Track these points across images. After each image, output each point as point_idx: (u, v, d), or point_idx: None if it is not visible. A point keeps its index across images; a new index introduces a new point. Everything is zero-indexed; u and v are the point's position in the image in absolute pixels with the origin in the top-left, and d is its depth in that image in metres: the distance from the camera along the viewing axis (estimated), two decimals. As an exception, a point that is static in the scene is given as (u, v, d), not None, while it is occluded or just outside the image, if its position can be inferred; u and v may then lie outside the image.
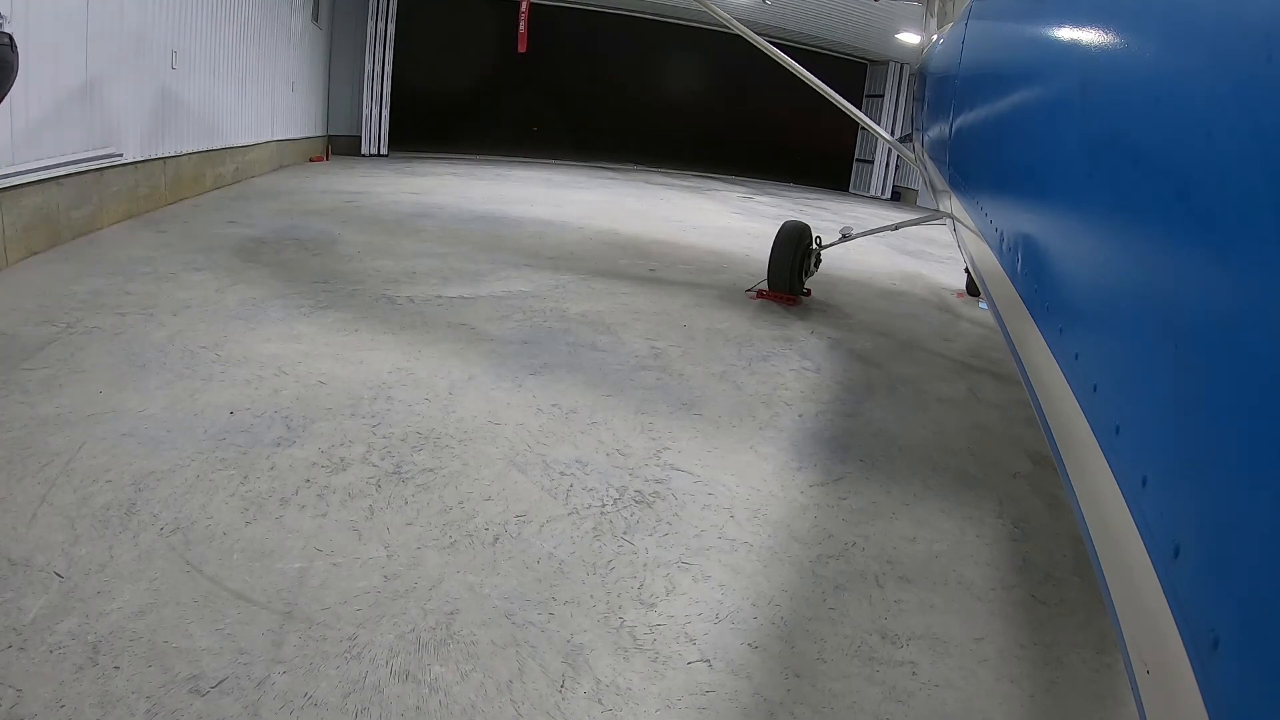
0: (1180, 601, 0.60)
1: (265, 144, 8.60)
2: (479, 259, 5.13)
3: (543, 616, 1.66)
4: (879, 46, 13.99)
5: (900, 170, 15.26)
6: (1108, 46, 0.98)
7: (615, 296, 4.53)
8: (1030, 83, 1.53)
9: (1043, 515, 2.44)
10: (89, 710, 1.26)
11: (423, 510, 2.01)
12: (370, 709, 1.35)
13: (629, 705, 1.44)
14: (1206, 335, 0.62)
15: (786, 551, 2.04)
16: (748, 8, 11.36)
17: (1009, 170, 1.72)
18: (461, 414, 2.63)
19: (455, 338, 3.45)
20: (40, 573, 1.58)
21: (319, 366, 2.89)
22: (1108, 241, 0.93)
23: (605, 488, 2.25)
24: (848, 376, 3.61)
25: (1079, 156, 1.07)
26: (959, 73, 2.76)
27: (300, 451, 2.24)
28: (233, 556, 1.72)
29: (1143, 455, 0.73)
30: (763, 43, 4.89)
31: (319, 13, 10.64)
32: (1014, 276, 1.45)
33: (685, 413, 2.89)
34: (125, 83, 5.02)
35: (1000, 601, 1.94)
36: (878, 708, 1.52)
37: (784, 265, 4.85)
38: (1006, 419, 3.30)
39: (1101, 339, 0.92)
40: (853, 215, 10.77)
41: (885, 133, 6.29)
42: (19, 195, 3.80)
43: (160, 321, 3.17)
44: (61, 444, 2.10)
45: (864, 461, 2.67)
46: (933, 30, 5.42)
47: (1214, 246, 0.63)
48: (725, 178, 15.08)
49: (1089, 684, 1.68)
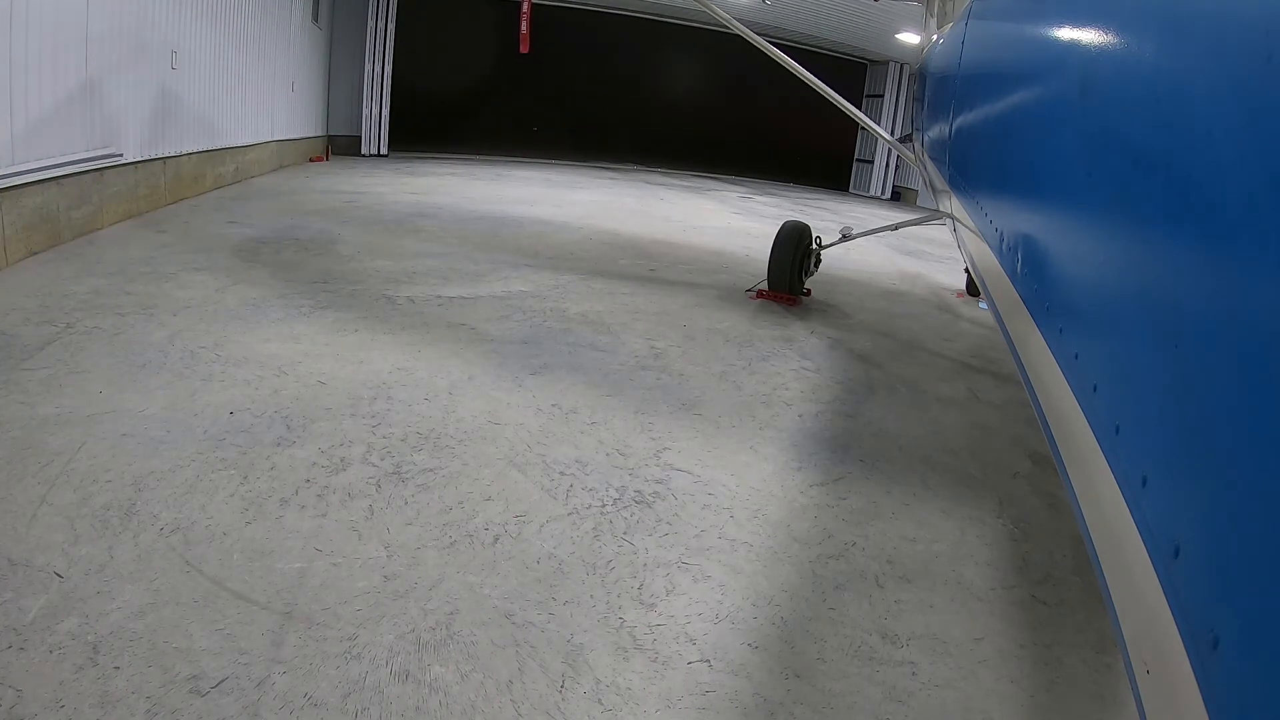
0: (1180, 601, 0.60)
1: (265, 144, 8.60)
2: (479, 259, 5.13)
3: (543, 616, 1.66)
4: (879, 46, 13.99)
5: (900, 170, 15.26)
6: (1108, 46, 0.98)
7: (615, 296, 4.53)
8: (1030, 83, 1.53)
9: (1043, 515, 2.44)
10: (89, 710, 1.26)
11: (423, 510, 2.01)
12: (370, 709, 1.35)
13: (629, 705, 1.44)
14: (1206, 335, 0.62)
15: (786, 551, 2.04)
16: (748, 8, 11.36)
17: (1009, 170, 1.72)
18: (461, 414, 2.63)
19: (455, 338, 3.45)
20: (40, 573, 1.58)
21: (319, 366, 2.89)
22: (1107, 241, 0.93)
23: (605, 488, 2.24)
24: (848, 376, 3.61)
25: (1079, 156, 1.07)
26: (959, 73, 2.76)
27: (300, 451, 2.24)
28: (232, 557, 1.72)
29: (1143, 455, 0.73)
30: (763, 43, 4.89)
31: (319, 13, 10.64)
32: (1014, 276, 1.45)
33: (685, 413, 2.89)
34: (125, 83, 5.02)
35: (1000, 601, 1.94)
36: (878, 708, 1.52)
37: (784, 265, 4.85)
38: (1006, 419, 3.30)
39: (1101, 339, 0.92)
40: (853, 215, 10.77)
41: (885, 133, 6.29)
42: (19, 195, 3.80)
43: (160, 321, 3.17)
44: (61, 444, 2.10)
45: (864, 461, 2.67)
46: (933, 30, 5.42)
47: (1214, 246, 0.63)
48: (725, 178, 15.08)
49: (1089, 684, 1.68)
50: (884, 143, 9.00)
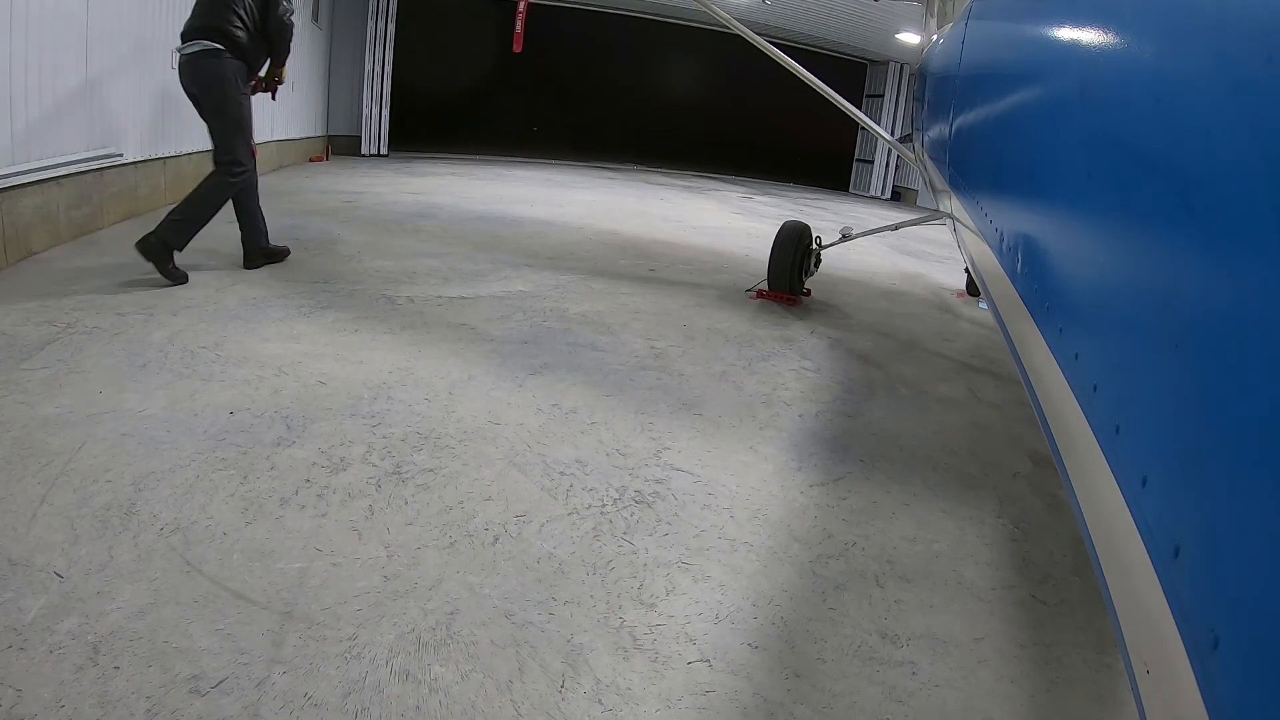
0: (1180, 601, 0.60)
1: (265, 144, 8.58)
2: (479, 259, 5.14)
3: (543, 616, 1.66)
4: (879, 46, 13.99)
5: (900, 170, 15.26)
6: (1108, 46, 0.98)
7: (615, 296, 4.53)
8: (1030, 83, 1.53)
9: (1043, 515, 2.44)
10: (89, 710, 1.26)
11: (423, 510, 2.01)
12: (370, 709, 1.35)
13: (629, 705, 1.44)
14: (1206, 335, 0.62)
15: (786, 551, 2.04)
16: (748, 8, 11.36)
17: (1009, 170, 1.72)
18: (461, 414, 2.63)
19: (455, 338, 3.45)
20: (40, 573, 1.58)
21: (319, 366, 2.89)
22: (1108, 241, 0.93)
23: (605, 488, 2.25)
24: (848, 376, 3.61)
25: (1079, 156, 1.07)
26: (959, 73, 2.76)
27: (300, 451, 2.24)
28: (233, 556, 1.72)
29: (1143, 455, 0.73)
30: (763, 43, 4.88)
31: (319, 13, 10.63)
32: (1014, 276, 1.45)
33: (685, 413, 2.89)
34: (125, 83, 5.01)
35: (1000, 601, 1.94)
36: (878, 708, 1.52)
37: (784, 265, 4.85)
38: (1006, 419, 3.30)
39: (1101, 339, 0.92)
40: (853, 215, 10.77)
41: (885, 133, 6.29)
42: (19, 195, 3.80)
43: (160, 321, 3.17)
44: (61, 444, 2.10)
45: (864, 461, 2.67)
46: (933, 30, 5.42)
47: (1214, 246, 0.63)
48: (725, 178, 15.08)
49: (1089, 684, 1.68)
50: (884, 143, 9.00)
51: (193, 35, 3.86)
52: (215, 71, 3.88)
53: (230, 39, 3.86)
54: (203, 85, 3.92)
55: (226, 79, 3.90)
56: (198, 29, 3.86)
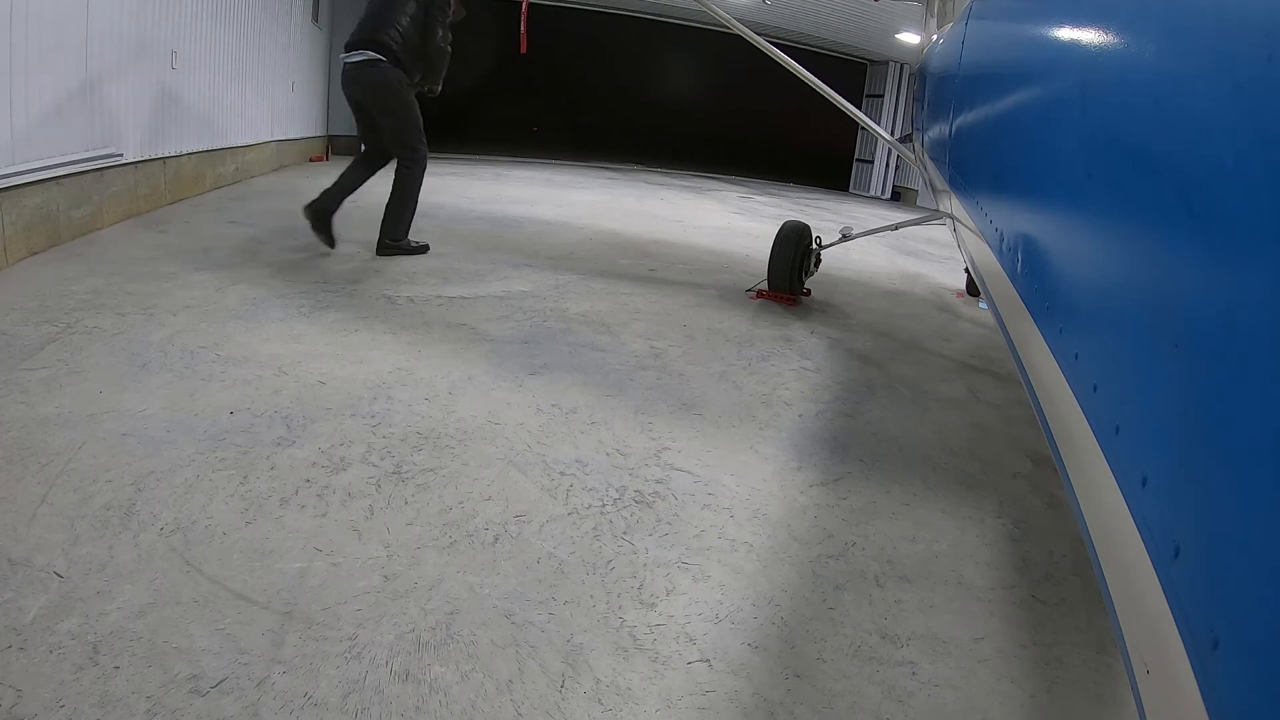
0: (1180, 601, 0.60)
1: (265, 144, 8.60)
2: (479, 259, 5.14)
3: (542, 616, 1.66)
4: (879, 46, 13.99)
5: (900, 170, 15.26)
6: (1108, 46, 0.98)
7: (615, 296, 4.53)
8: (1030, 83, 1.53)
9: (1043, 515, 2.44)
10: (89, 710, 1.26)
11: (423, 510, 2.01)
12: (370, 709, 1.35)
13: (629, 705, 1.44)
14: (1206, 335, 0.62)
15: (786, 551, 2.04)
16: (748, 8, 11.36)
17: (1009, 170, 1.72)
18: (461, 414, 2.63)
19: (455, 337, 3.45)
20: (40, 573, 1.58)
21: (319, 366, 2.89)
22: (1108, 241, 0.93)
23: (605, 488, 2.24)
24: (848, 376, 3.61)
25: (1079, 157, 1.07)
26: (959, 73, 2.76)
27: (300, 451, 2.24)
28: (233, 556, 1.72)
29: (1143, 455, 0.73)
30: (763, 43, 4.88)
31: (319, 13, 10.63)
32: (1014, 276, 1.45)
33: (685, 413, 2.89)
34: (125, 83, 5.01)
35: (1000, 601, 1.94)
36: (878, 707, 1.52)
37: (784, 265, 4.85)
38: (1006, 419, 3.30)
39: (1101, 339, 0.92)
40: (853, 215, 10.77)
41: (885, 133, 6.28)
42: (19, 195, 3.81)
43: (160, 321, 3.17)
44: (61, 444, 2.10)
45: (864, 461, 2.67)
46: (933, 30, 5.42)
47: (1214, 246, 0.63)
48: (725, 178, 15.08)
49: (1089, 684, 1.68)
50: (884, 143, 8.99)
51: (356, 46, 4.43)
52: (378, 78, 4.45)
53: (389, 51, 4.42)
54: (366, 90, 4.48)
55: (389, 82, 4.45)
56: (360, 41, 4.43)
